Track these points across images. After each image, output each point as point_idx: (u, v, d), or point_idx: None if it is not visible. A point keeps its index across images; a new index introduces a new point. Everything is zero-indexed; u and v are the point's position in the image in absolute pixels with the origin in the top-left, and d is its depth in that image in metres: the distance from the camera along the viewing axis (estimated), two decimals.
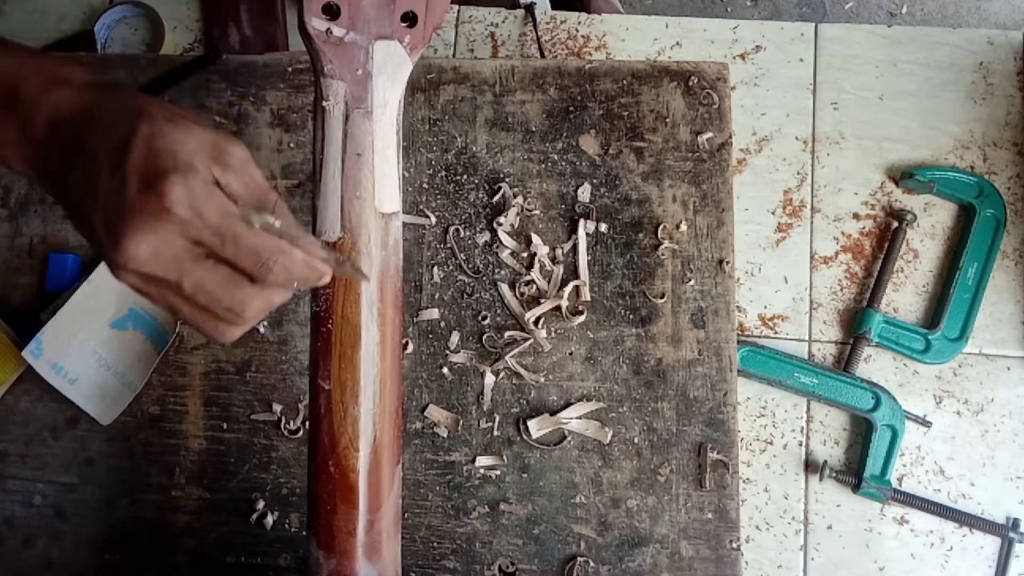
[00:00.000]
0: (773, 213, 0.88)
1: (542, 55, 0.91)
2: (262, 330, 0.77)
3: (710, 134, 0.79)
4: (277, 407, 0.76)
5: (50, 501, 0.77)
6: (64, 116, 0.43)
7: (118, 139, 0.41)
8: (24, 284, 0.80)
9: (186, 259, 0.41)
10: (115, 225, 0.40)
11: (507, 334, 0.76)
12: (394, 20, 0.53)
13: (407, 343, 0.77)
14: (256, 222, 0.42)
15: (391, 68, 0.53)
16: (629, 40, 0.93)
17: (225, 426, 0.76)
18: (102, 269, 0.77)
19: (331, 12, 0.52)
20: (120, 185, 0.40)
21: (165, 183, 0.39)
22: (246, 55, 0.84)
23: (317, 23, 0.51)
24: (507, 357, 0.75)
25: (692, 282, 0.76)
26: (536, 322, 0.76)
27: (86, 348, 0.76)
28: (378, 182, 0.52)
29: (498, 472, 0.74)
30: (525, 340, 0.76)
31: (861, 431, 0.83)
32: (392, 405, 0.53)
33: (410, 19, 0.53)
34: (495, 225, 0.78)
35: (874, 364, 0.85)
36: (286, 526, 0.75)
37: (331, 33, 0.52)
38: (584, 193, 0.78)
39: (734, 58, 0.92)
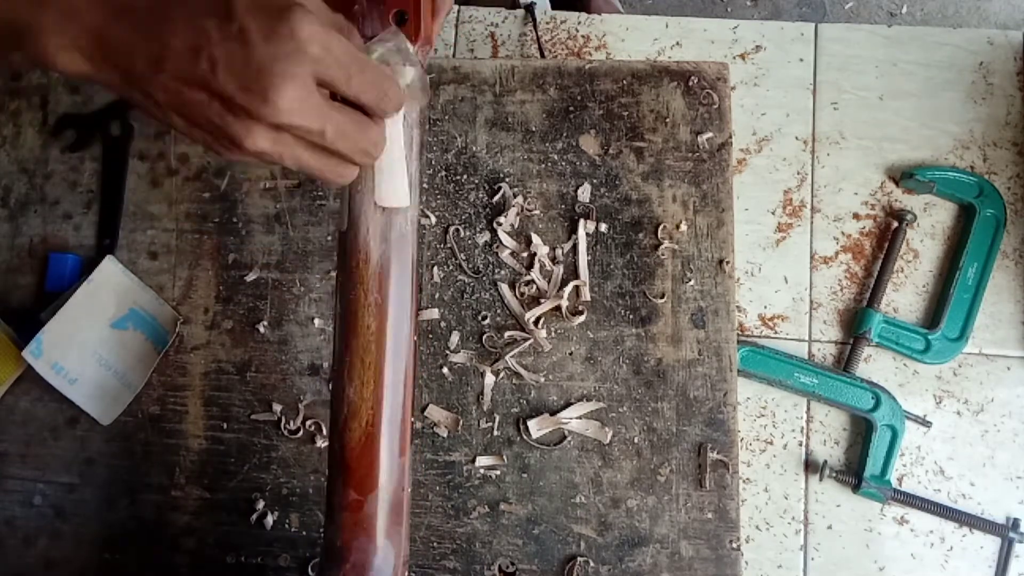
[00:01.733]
0: (773, 213, 0.88)
1: (542, 55, 0.91)
2: (262, 330, 0.77)
3: (710, 134, 0.79)
4: (277, 407, 0.76)
5: (50, 501, 0.77)
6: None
7: None
8: (24, 284, 0.80)
9: (324, 104, 0.39)
10: (255, 79, 0.37)
11: (507, 334, 0.76)
12: (384, 20, 0.53)
13: None
14: (376, 52, 0.43)
15: (394, 66, 0.53)
16: (629, 40, 0.93)
17: (225, 426, 0.77)
18: (103, 268, 0.77)
19: None
20: (241, 35, 0.37)
21: (292, 22, 0.37)
22: None
23: None
24: (507, 357, 0.75)
25: (692, 282, 0.76)
26: (536, 322, 0.76)
27: (86, 348, 0.76)
28: (379, 176, 0.52)
29: (498, 472, 0.74)
30: (525, 340, 0.76)
31: (861, 431, 0.83)
32: (389, 394, 0.53)
33: (402, 19, 0.53)
34: (495, 225, 0.78)
35: (874, 364, 0.85)
36: (286, 526, 0.75)
37: None
38: (584, 193, 0.78)
39: (734, 58, 0.92)
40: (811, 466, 0.84)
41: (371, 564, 0.53)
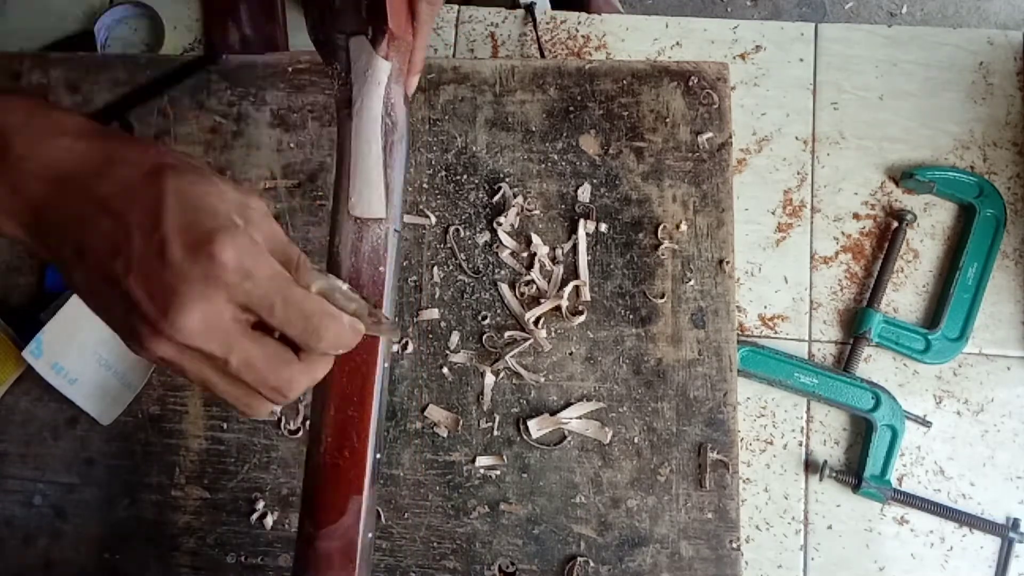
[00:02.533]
0: (773, 213, 0.88)
1: (542, 55, 0.91)
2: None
3: (710, 134, 0.79)
4: (277, 407, 0.76)
5: (50, 501, 0.77)
6: (70, 170, 0.38)
7: (147, 195, 0.37)
8: (24, 284, 0.80)
9: (235, 331, 0.38)
10: (161, 293, 0.36)
11: (507, 334, 0.76)
12: (359, 15, 0.50)
13: (407, 343, 0.77)
14: (315, 286, 0.39)
15: (362, 66, 0.51)
16: (629, 40, 0.93)
17: (225, 426, 0.77)
18: None
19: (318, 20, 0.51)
20: (160, 248, 0.36)
21: (214, 244, 0.36)
22: (246, 55, 0.84)
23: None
24: (507, 357, 0.75)
25: (692, 282, 0.76)
26: (536, 322, 0.76)
27: (86, 348, 0.76)
28: (353, 185, 0.50)
29: (498, 472, 0.74)
30: (525, 340, 0.76)
31: (861, 431, 0.83)
32: (350, 420, 0.49)
33: (373, 11, 0.50)
34: (495, 225, 0.78)
35: (874, 364, 0.85)
36: (286, 526, 0.75)
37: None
38: (584, 193, 0.78)
39: (734, 58, 0.92)
40: (811, 466, 0.84)
41: None
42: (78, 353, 0.76)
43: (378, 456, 0.51)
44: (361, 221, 0.50)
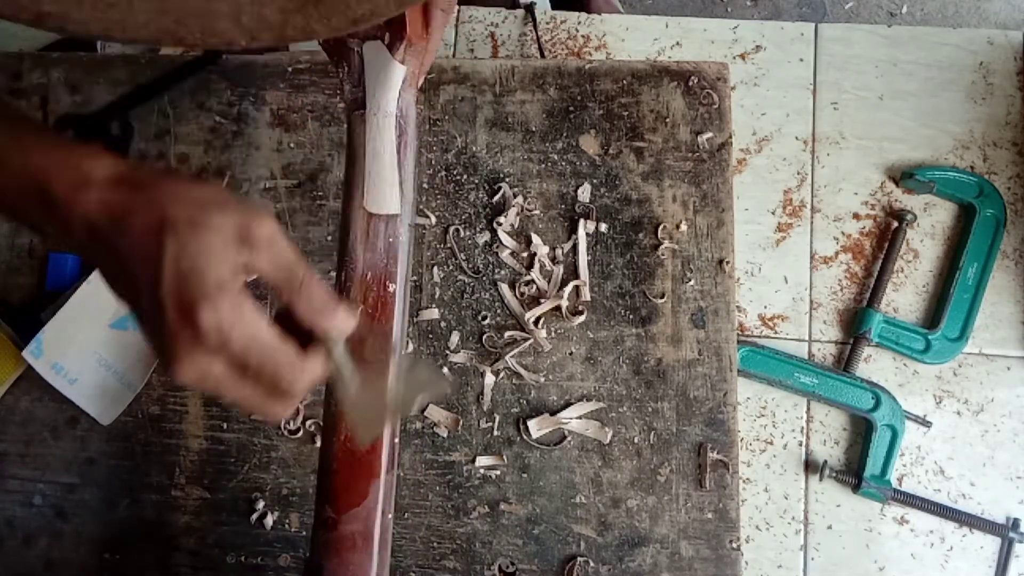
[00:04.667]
0: (773, 213, 0.88)
1: (542, 55, 0.91)
2: None
3: (710, 134, 0.79)
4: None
5: (50, 501, 0.77)
6: (97, 222, 0.43)
7: (149, 258, 0.41)
8: (24, 284, 0.80)
9: (224, 379, 0.43)
10: (161, 347, 0.42)
11: (507, 334, 0.76)
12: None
13: (407, 343, 0.77)
14: (333, 351, 0.45)
15: (377, 68, 0.53)
16: (629, 40, 0.93)
17: (225, 426, 0.76)
18: None
19: None
20: (159, 310, 0.41)
21: (197, 314, 0.41)
22: (246, 55, 0.84)
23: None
24: (507, 357, 0.75)
25: (692, 282, 0.76)
26: (536, 322, 0.76)
27: (86, 348, 0.76)
28: (368, 183, 0.52)
29: (498, 472, 0.74)
30: (525, 340, 0.76)
31: (861, 431, 0.83)
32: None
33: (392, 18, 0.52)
34: (495, 225, 0.78)
35: (874, 364, 0.85)
36: (286, 526, 0.75)
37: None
38: (584, 193, 0.78)
39: (734, 58, 0.92)
40: (811, 466, 0.84)
41: None
42: (78, 353, 0.76)
43: (396, 440, 0.53)
44: (376, 217, 0.52)
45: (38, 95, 0.83)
